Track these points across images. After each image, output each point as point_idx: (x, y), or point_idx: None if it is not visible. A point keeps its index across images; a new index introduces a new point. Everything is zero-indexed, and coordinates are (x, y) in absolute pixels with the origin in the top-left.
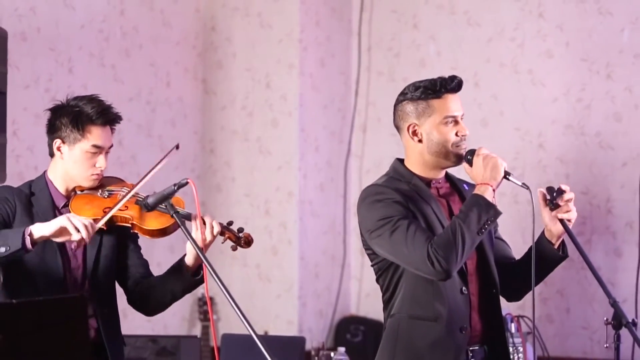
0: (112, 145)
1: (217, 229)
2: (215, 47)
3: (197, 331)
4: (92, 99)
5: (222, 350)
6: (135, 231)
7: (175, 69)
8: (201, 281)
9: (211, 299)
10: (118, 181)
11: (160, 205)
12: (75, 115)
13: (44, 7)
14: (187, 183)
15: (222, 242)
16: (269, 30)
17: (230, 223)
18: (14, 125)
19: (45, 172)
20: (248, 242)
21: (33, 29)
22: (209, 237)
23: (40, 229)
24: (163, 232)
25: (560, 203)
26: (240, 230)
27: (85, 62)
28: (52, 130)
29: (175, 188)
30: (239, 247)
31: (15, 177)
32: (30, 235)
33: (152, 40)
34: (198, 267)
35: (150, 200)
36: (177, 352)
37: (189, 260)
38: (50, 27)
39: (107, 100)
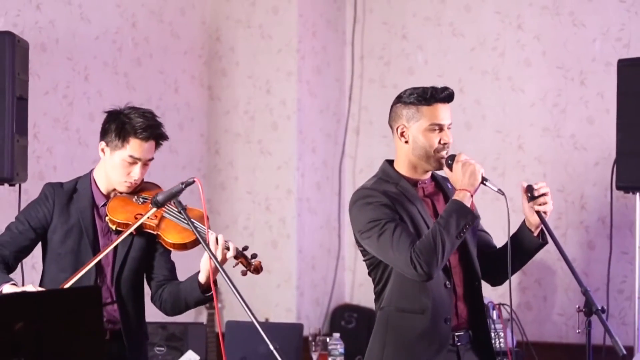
0: (152, 159)
1: (231, 253)
2: (220, 56)
3: (203, 318)
4: (145, 114)
5: (226, 336)
6: (159, 241)
7: (182, 76)
8: (211, 297)
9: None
10: (155, 187)
11: (180, 219)
12: (122, 125)
13: (62, 20)
14: (194, 182)
15: (234, 267)
16: (269, 40)
17: (245, 248)
18: (34, 128)
19: (92, 170)
20: (257, 270)
21: (52, 40)
22: (220, 258)
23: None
24: (183, 247)
25: (536, 194)
26: (254, 256)
27: (100, 70)
28: (102, 133)
29: (183, 186)
30: (248, 273)
31: (35, 177)
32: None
33: (162, 50)
34: (209, 284)
35: (159, 198)
36: (184, 337)
37: (202, 278)
38: (68, 39)
39: (159, 117)
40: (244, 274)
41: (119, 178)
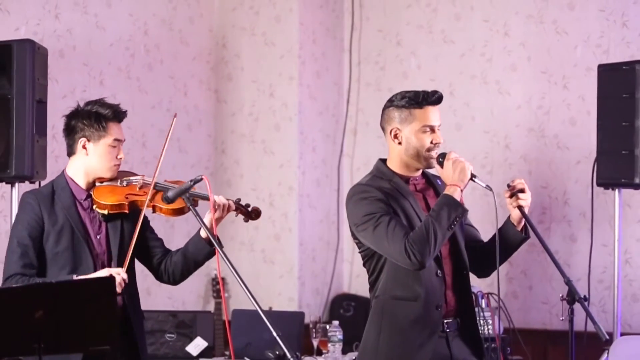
0: (125, 139)
1: (233, 207)
2: (226, 62)
3: (210, 307)
4: (103, 103)
5: (233, 324)
6: (156, 212)
7: (191, 81)
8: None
9: (223, 279)
10: (131, 174)
11: (171, 188)
12: (96, 116)
13: (79, 28)
14: (201, 179)
15: (236, 216)
16: (272, 47)
17: (238, 200)
18: (53, 130)
19: (63, 171)
20: (258, 213)
21: (69, 47)
22: (221, 213)
23: None
24: (180, 212)
25: (513, 190)
26: (248, 205)
27: (114, 75)
28: (74, 131)
29: (192, 183)
30: (250, 220)
31: (54, 175)
32: None
33: (172, 56)
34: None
35: (170, 194)
36: (193, 325)
37: (204, 233)
38: (84, 46)
39: (117, 102)
40: (246, 221)
41: (108, 164)
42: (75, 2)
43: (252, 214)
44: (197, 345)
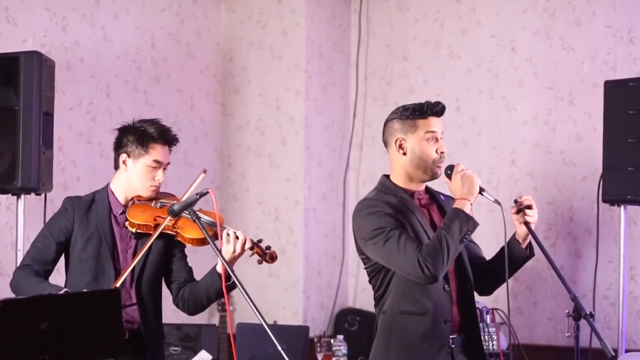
0: (169, 163)
1: (248, 244)
2: (233, 76)
3: (215, 320)
4: (155, 122)
5: (237, 337)
6: (178, 239)
7: (198, 94)
8: (232, 287)
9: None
10: (170, 196)
11: (185, 212)
12: (141, 134)
13: (86, 40)
14: (207, 192)
15: (250, 256)
16: (279, 61)
17: (259, 241)
18: (59, 142)
19: (109, 183)
20: (273, 258)
21: (77, 59)
22: (238, 250)
23: None
24: (202, 242)
25: (520, 207)
26: (268, 247)
27: (121, 88)
28: (119, 146)
29: (198, 197)
30: (264, 262)
31: (60, 187)
32: None
33: (179, 69)
34: (228, 275)
35: (175, 207)
36: (198, 338)
37: (220, 269)
38: (91, 58)
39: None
40: (259, 262)
41: (144, 184)
42: (82, 15)
43: (266, 256)
44: (201, 359)
